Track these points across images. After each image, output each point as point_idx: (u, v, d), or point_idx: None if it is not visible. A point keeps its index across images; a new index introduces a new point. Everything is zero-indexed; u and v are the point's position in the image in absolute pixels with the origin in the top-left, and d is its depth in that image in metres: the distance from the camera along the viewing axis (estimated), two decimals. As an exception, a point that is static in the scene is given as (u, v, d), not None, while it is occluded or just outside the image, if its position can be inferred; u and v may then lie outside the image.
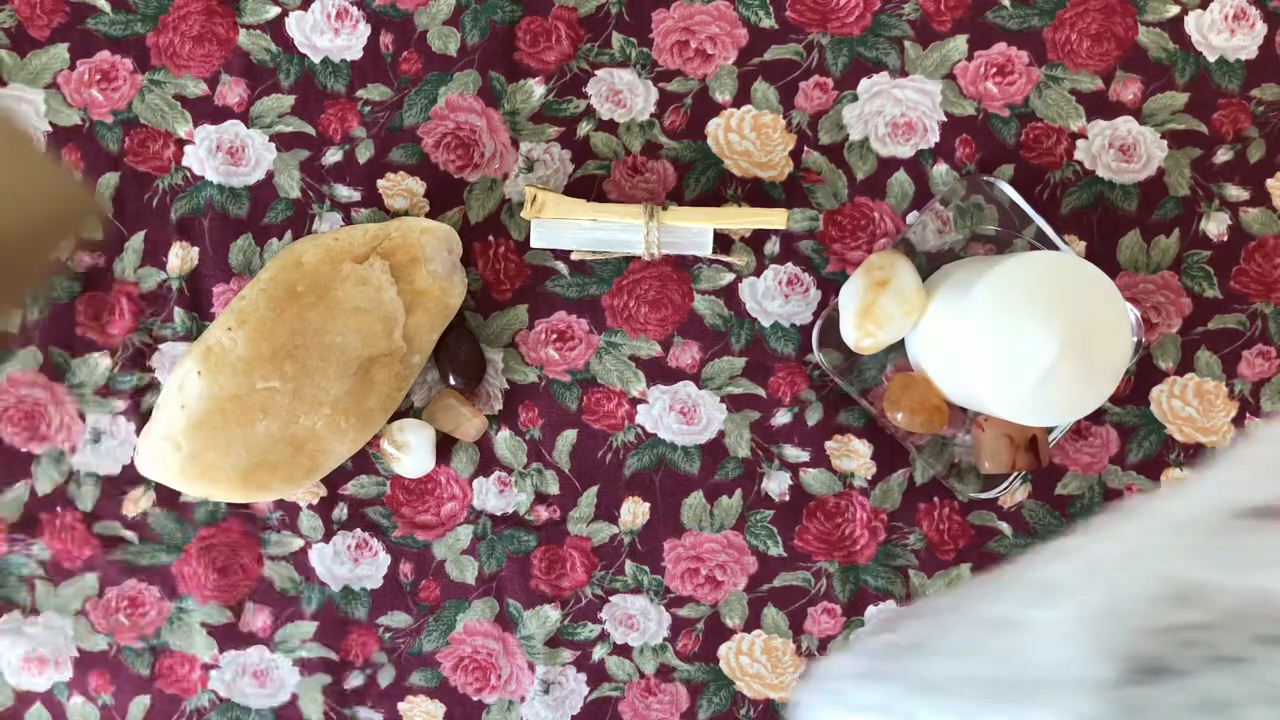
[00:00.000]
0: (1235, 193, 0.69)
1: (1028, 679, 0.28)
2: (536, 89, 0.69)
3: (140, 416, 0.70)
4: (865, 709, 0.30)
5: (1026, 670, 0.28)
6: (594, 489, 0.70)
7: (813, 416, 0.70)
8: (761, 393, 0.70)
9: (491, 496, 0.70)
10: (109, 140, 0.69)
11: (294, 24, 0.69)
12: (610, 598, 0.71)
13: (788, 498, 0.70)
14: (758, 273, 0.70)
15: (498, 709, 0.71)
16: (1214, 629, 0.29)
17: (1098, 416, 0.70)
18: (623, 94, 0.69)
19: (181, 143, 0.69)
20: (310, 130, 0.69)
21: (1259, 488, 0.31)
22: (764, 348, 0.70)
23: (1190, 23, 0.69)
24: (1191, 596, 0.29)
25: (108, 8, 0.69)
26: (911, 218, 0.69)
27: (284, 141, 0.69)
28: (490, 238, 0.70)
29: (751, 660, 0.70)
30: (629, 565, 0.71)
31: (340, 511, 0.70)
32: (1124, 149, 0.69)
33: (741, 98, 0.69)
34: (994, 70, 0.69)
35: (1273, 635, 0.28)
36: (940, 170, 0.69)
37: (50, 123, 0.69)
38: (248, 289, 0.66)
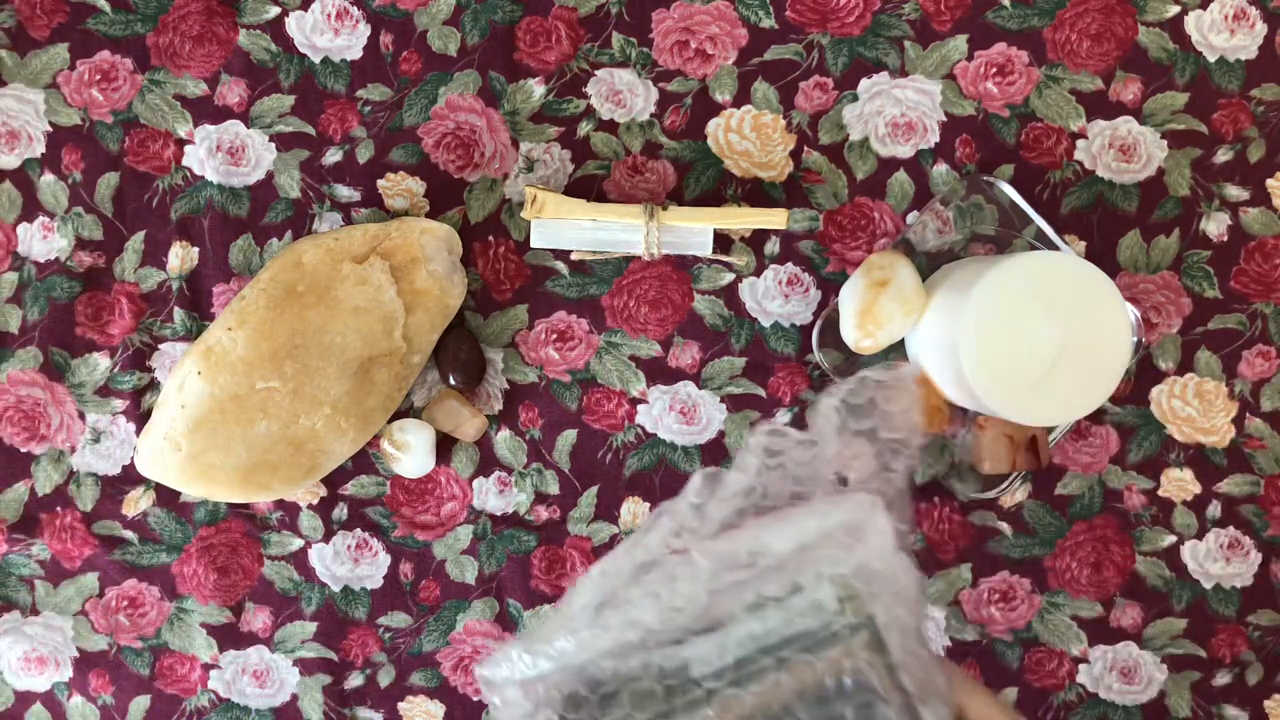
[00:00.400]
0: (1235, 193, 0.69)
1: (567, 619, 0.47)
2: (536, 89, 0.69)
3: (140, 416, 0.70)
4: (497, 662, 0.47)
5: (566, 615, 0.47)
6: (594, 489, 0.70)
7: (813, 416, 0.70)
8: (761, 393, 0.70)
9: (491, 496, 0.70)
10: (109, 140, 0.69)
11: (294, 24, 0.69)
12: (610, 598, 0.71)
13: (788, 498, 0.70)
14: (758, 273, 0.70)
15: (498, 709, 0.71)
16: (765, 577, 0.46)
17: (1098, 416, 0.70)
18: (623, 94, 0.69)
19: (181, 143, 0.69)
20: (310, 130, 0.69)
21: (741, 481, 0.49)
22: (764, 348, 0.70)
23: (1190, 23, 0.69)
24: (744, 558, 0.46)
25: (108, 8, 0.69)
26: (911, 218, 0.69)
27: (284, 141, 0.69)
28: (490, 238, 0.70)
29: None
30: (629, 565, 0.71)
31: (340, 511, 0.70)
32: (1124, 149, 0.69)
33: (741, 98, 0.69)
34: (994, 70, 0.69)
35: (796, 584, 0.46)
36: (940, 170, 0.69)
37: (50, 123, 0.69)
38: (248, 289, 0.66)
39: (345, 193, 0.70)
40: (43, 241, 0.69)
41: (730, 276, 0.70)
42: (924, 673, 0.47)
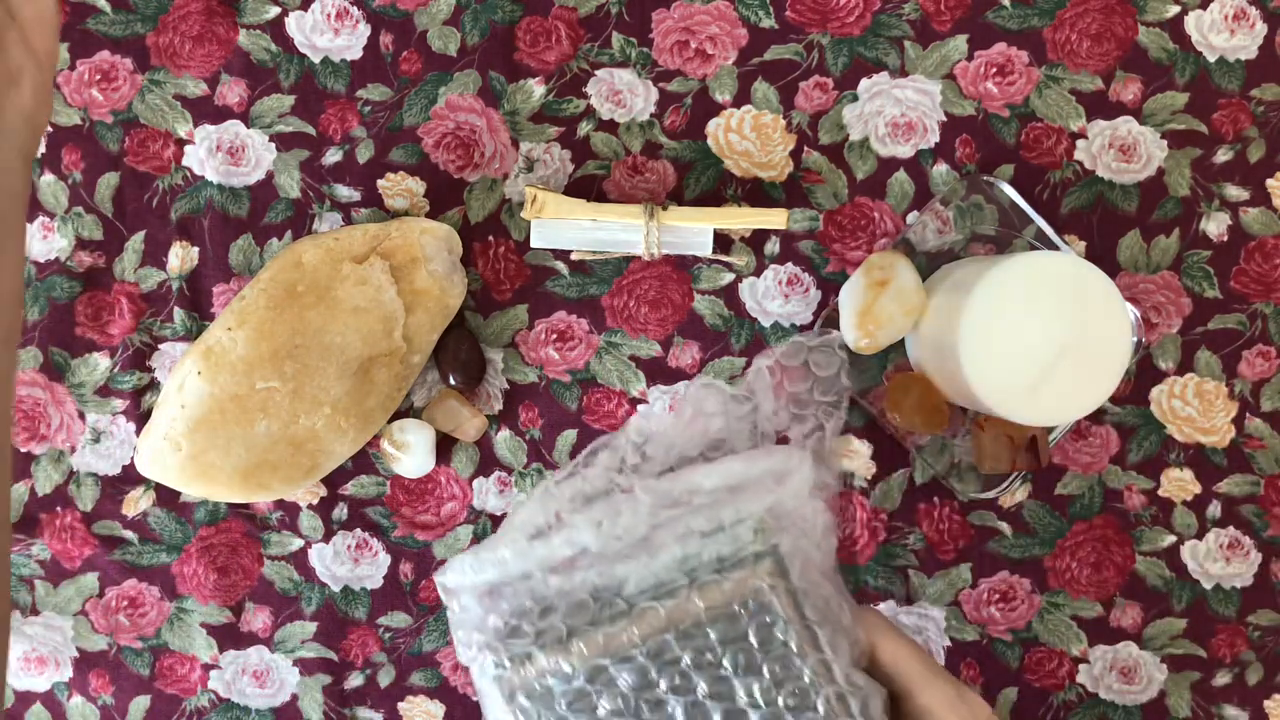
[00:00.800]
0: (1235, 193, 0.69)
1: (509, 530, 0.52)
2: (536, 89, 0.69)
3: (140, 416, 0.70)
4: (451, 570, 0.51)
5: (509, 527, 0.52)
6: (594, 489, 0.70)
7: (813, 416, 0.70)
8: (761, 393, 0.70)
9: (491, 496, 0.70)
10: (109, 140, 0.69)
11: (294, 24, 0.69)
12: (610, 598, 0.71)
13: (788, 498, 0.70)
14: (758, 273, 0.70)
15: (498, 709, 0.71)
16: (696, 512, 0.51)
17: (1098, 416, 0.70)
18: (623, 94, 0.69)
19: (181, 143, 0.69)
20: (310, 130, 0.69)
21: (676, 427, 0.54)
22: (764, 348, 0.70)
23: (1190, 23, 0.69)
24: (680, 497, 0.51)
25: (108, 8, 0.69)
26: (911, 218, 0.69)
27: (284, 141, 0.69)
28: (490, 238, 0.70)
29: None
30: (629, 565, 0.71)
31: (340, 511, 0.70)
32: (1124, 149, 0.69)
33: (741, 98, 0.69)
34: (994, 70, 0.69)
35: (721, 521, 0.51)
36: (940, 170, 0.69)
37: (50, 123, 0.69)
38: (247, 289, 0.66)
39: (345, 193, 0.70)
40: (43, 241, 0.69)
41: (730, 276, 0.70)
42: (825, 604, 0.51)
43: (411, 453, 0.68)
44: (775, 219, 0.67)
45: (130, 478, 0.70)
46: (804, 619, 0.51)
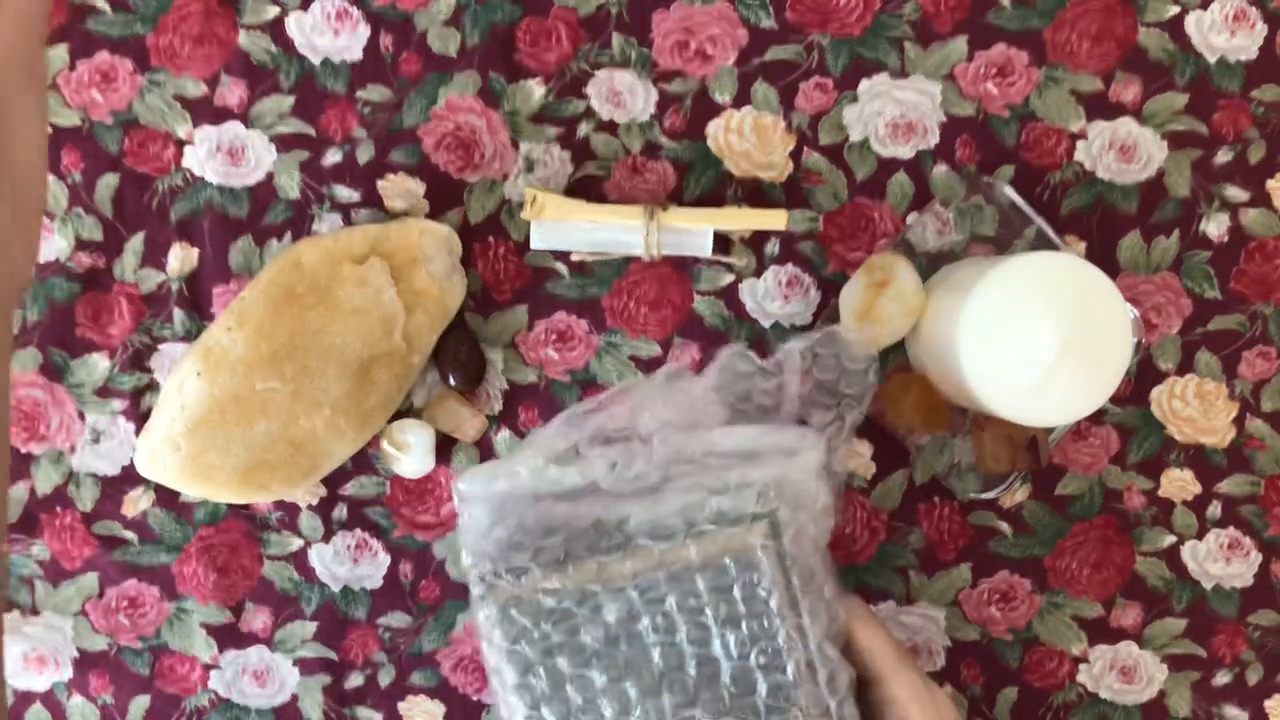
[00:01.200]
0: (1235, 193, 0.69)
1: (528, 445, 0.57)
2: (536, 89, 0.69)
3: (140, 417, 0.70)
4: (470, 478, 0.56)
5: (529, 443, 0.57)
6: (594, 489, 0.70)
7: (813, 417, 0.70)
8: (761, 393, 0.70)
9: (491, 497, 0.70)
10: (109, 141, 0.69)
11: (294, 24, 0.69)
12: (610, 598, 0.71)
13: (788, 498, 0.70)
14: (758, 274, 0.70)
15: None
16: (706, 470, 0.55)
17: (1098, 417, 0.70)
18: (622, 94, 0.69)
19: (181, 143, 0.69)
20: (310, 131, 0.69)
21: (702, 385, 0.58)
22: (763, 349, 0.70)
23: (1190, 23, 0.69)
24: (695, 455, 0.55)
25: (108, 8, 0.69)
26: (911, 218, 0.69)
27: (284, 142, 0.69)
28: (490, 238, 0.70)
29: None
30: (629, 566, 0.70)
31: (340, 512, 0.70)
32: (1124, 150, 0.69)
33: (741, 98, 0.69)
34: (994, 71, 0.69)
35: (727, 482, 0.55)
36: (940, 171, 0.69)
37: (50, 123, 0.69)
38: (247, 290, 0.66)
39: (345, 193, 0.70)
40: (43, 242, 0.69)
41: (730, 277, 0.70)
42: (811, 574, 0.54)
43: (411, 453, 0.68)
44: (775, 220, 0.67)
45: (130, 478, 0.70)
46: (789, 583, 0.54)
